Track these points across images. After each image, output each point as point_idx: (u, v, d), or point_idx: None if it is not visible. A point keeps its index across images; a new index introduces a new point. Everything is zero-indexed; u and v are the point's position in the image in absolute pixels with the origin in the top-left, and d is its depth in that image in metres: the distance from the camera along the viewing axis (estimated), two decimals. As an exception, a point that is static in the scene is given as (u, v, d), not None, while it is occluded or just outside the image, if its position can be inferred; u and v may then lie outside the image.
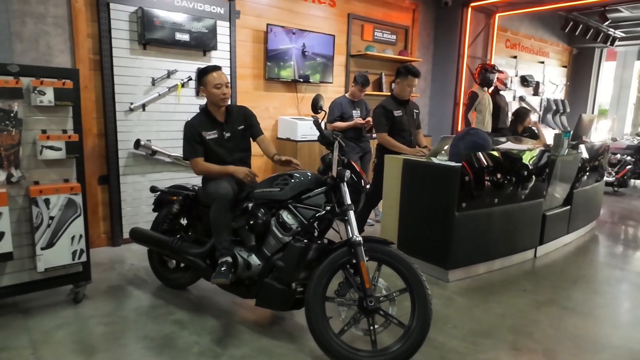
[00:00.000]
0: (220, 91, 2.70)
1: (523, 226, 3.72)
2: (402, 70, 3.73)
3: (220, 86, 2.69)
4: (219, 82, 2.69)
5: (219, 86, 2.69)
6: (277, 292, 2.39)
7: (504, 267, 3.69)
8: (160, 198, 3.12)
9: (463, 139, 3.32)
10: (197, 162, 2.73)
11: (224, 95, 2.72)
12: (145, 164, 3.99)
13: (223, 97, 2.72)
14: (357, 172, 2.45)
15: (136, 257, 3.66)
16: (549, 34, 9.02)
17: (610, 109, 12.26)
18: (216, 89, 2.70)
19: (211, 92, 2.72)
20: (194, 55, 4.13)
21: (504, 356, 2.39)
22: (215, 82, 2.69)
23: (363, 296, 2.21)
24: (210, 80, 2.71)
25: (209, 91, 2.73)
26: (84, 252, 2.70)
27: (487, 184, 3.28)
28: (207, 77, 2.72)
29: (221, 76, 2.73)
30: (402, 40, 6.18)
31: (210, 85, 2.70)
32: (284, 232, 2.44)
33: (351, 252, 2.26)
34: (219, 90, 2.70)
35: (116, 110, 3.77)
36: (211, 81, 2.70)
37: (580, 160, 4.27)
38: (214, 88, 2.70)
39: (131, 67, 3.80)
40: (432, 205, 3.33)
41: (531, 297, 3.14)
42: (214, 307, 2.85)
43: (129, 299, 2.92)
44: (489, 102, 5.93)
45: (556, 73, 9.54)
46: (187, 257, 2.72)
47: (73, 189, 2.62)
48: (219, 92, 2.70)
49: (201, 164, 2.73)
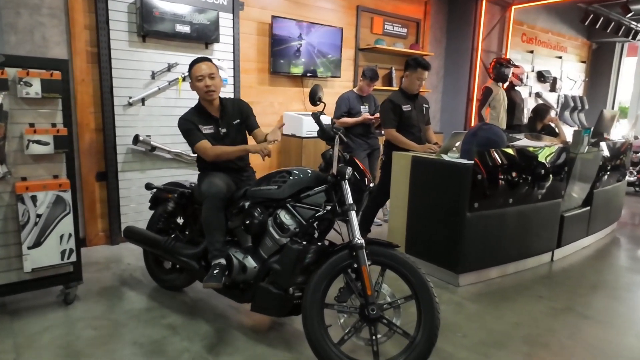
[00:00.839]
0: (202, 84, 2.52)
1: (539, 228, 3.51)
2: (411, 62, 3.54)
3: (202, 78, 2.51)
4: (200, 73, 2.51)
5: (201, 78, 2.52)
6: (274, 297, 2.24)
7: (518, 272, 3.48)
8: (156, 195, 2.99)
9: (475, 135, 3.12)
10: (205, 145, 2.52)
11: (207, 88, 2.53)
12: (144, 160, 3.87)
13: (207, 90, 2.53)
14: (360, 169, 2.28)
15: (133, 257, 3.54)
16: (567, 28, 8.70)
17: (630, 106, 11.84)
18: (198, 81, 2.53)
19: (195, 86, 2.56)
20: (195, 48, 3.99)
21: (518, 370, 2.21)
22: (197, 74, 2.52)
23: (365, 303, 2.05)
24: (193, 72, 2.55)
25: (194, 85, 2.57)
26: (74, 251, 2.58)
27: (501, 183, 3.08)
28: (192, 69, 2.56)
29: (206, 67, 2.53)
30: (414, 33, 5.97)
31: (193, 77, 2.55)
32: (282, 233, 2.28)
33: (352, 256, 2.10)
34: (201, 82, 2.52)
35: (114, 104, 3.66)
36: (194, 73, 2.54)
37: (602, 158, 4.03)
38: (196, 81, 2.53)
39: (130, 59, 3.68)
40: (442, 205, 3.15)
41: (547, 304, 2.94)
42: (209, 310, 2.71)
43: (121, 301, 2.80)
44: (504, 98, 5.70)
45: (574, 68, 9.21)
46: (181, 258, 2.58)
47: (62, 186, 2.49)
48: (201, 85, 2.52)
49: (211, 147, 2.52)
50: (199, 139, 2.55)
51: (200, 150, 2.56)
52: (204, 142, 2.53)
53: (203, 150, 2.54)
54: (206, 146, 2.52)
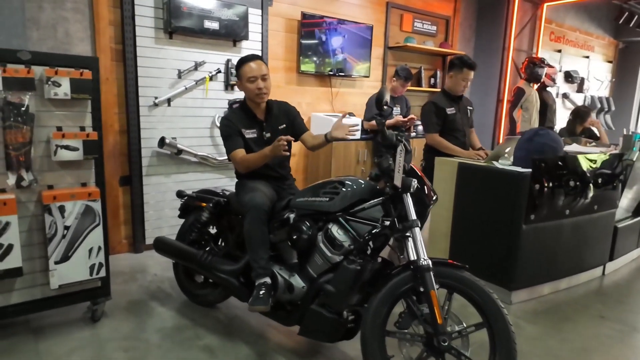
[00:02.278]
0: (254, 85, 2.32)
1: (593, 240, 3.27)
2: (456, 62, 3.30)
3: (255, 79, 2.31)
4: (253, 74, 2.31)
5: (253, 79, 2.32)
6: (326, 322, 2.02)
7: (570, 287, 3.24)
8: (188, 204, 2.79)
9: (531, 140, 2.89)
10: (237, 155, 2.32)
11: (259, 91, 2.33)
12: (170, 164, 3.67)
13: (259, 93, 2.34)
14: (422, 180, 2.06)
15: (159, 266, 3.35)
16: (595, 27, 8.40)
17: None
18: (250, 82, 2.32)
19: (246, 87, 2.35)
20: (223, 46, 3.78)
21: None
22: (248, 74, 2.31)
23: (433, 332, 1.82)
24: (244, 72, 2.33)
25: (244, 85, 2.36)
26: (103, 266, 2.38)
27: (559, 192, 2.84)
28: (242, 68, 2.35)
29: (259, 67, 2.34)
30: (443, 31, 5.73)
31: (244, 78, 2.34)
32: (334, 250, 2.06)
33: (416, 278, 1.88)
34: (253, 84, 2.32)
35: (139, 104, 3.46)
36: (245, 73, 2.33)
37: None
38: (248, 82, 2.33)
39: (156, 57, 3.47)
40: (494, 215, 2.91)
41: (611, 326, 2.70)
42: (247, 330, 2.50)
43: (151, 318, 2.59)
44: (537, 99, 5.45)
45: (601, 69, 8.91)
46: (218, 275, 2.37)
47: (91, 195, 2.29)
48: (253, 87, 2.32)
49: (242, 157, 2.33)
50: (234, 146, 2.34)
51: (233, 160, 2.38)
52: (238, 152, 2.33)
53: (234, 160, 2.37)
54: (237, 157, 2.33)
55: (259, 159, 2.32)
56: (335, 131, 2.35)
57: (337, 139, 2.38)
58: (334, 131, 2.35)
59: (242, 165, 2.34)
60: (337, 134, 2.34)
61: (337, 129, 2.35)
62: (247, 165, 2.34)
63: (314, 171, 4.48)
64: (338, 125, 2.35)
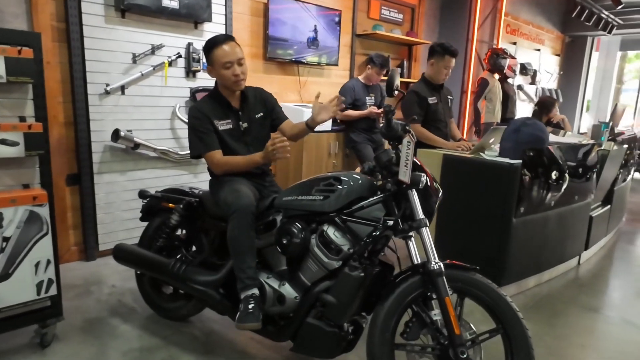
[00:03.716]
0: (230, 72, 2.01)
1: (573, 230, 3.26)
2: (438, 48, 3.15)
3: (231, 65, 2.01)
4: (229, 59, 2.00)
5: (229, 65, 2.00)
6: (326, 336, 1.79)
7: (551, 279, 3.22)
8: (151, 205, 2.45)
9: (519, 131, 2.79)
10: (213, 157, 2.04)
11: (237, 77, 2.02)
12: (125, 160, 3.26)
13: (236, 80, 2.03)
14: (427, 176, 1.86)
15: (118, 276, 2.96)
16: (545, 21, 8.66)
17: (592, 99, 12.18)
18: (225, 68, 2.01)
19: (220, 74, 2.04)
20: (183, 28, 3.41)
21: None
22: (223, 59, 2.00)
23: (449, 343, 1.64)
24: (218, 56, 2.01)
25: (218, 72, 2.04)
26: (54, 282, 2.00)
27: (548, 184, 2.77)
28: (214, 52, 2.02)
29: (233, 50, 2.02)
30: (409, 20, 5.60)
31: (217, 63, 2.02)
32: (331, 255, 1.83)
33: (426, 283, 1.70)
34: (229, 70, 2.01)
35: (88, 93, 3.02)
36: (219, 58, 2.01)
37: (625, 154, 3.85)
38: (223, 68, 2.01)
39: (107, 39, 3.05)
40: (482, 209, 2.79)
41: (601, 319, 2.68)
42: (228, 347, 2.21)
43: (115, 339, 2.24)
44: (499, 89, 5.48)
45: (550, 61, 9.24)
46: (195, 287, 2.06)
47: (37, 199, 1.91)
48: (229, 74, 2.01)
49: (219, 159, 2.05)
50: (209, 147, 2.04)
51: (209, 162, 2.08)
52: (215, 154, 2.04)
53: (210, 160, 2.07)
54: (214, 159, 2.04)
55: (244, 166, 2.05)
56: (318, 116, 2.09)
57: (324, 120, 2.11)
58: (319, 115, 2.09)
59: (220, 169, 2.06)
60: (323, 117, 2.09)
61: (320, 111, 2.09)
62: (227, 170, 2.07)
63: (283, 167, 4.20)
64: (322, 107, 2.09)
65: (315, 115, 2.10)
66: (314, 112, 2.10)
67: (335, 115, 2.12)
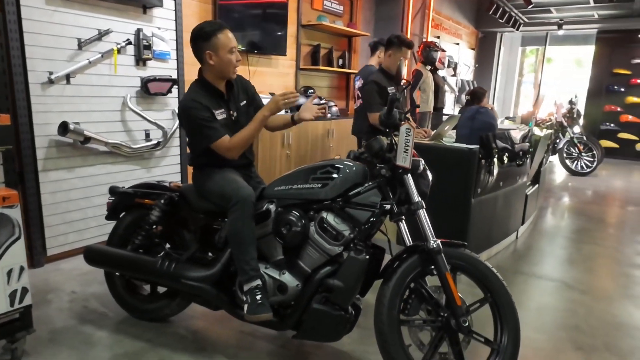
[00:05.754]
0: (234, 56, 2.00)
1: (515, 208, 3.62)
2: (395, 40, 3.29)
3: (234, 50, 2.00)
4: (234, 43, 2.00)
5: (234, 50, 2.00)
6: (333, 320, 1.83)
7: (499, 252, 3.55)
8: (121, 202, 2.29)
9: (474, 118, 3.03)
10: (224, 142, 1.96)
11: (238, 63, 2.04)
12: (73, 156, 3.00)
13: (236, 65, 2.03)
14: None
15: (74, 281, 2.74)
16: (462, 17, 9.34)
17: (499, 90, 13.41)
18: (231, 53, 1.99)
19: (225, 59, 1.98)
20: (132, 12, 3.19)
21: (576, 359, 2.17)
22: (229, 44, 1.97)
23: (451, 315, 1.78)
24: (223, 42, 1.96)
25: (222, 57, 1.97)
26: (28, 291, 1.81)
27: (499, 166, 3.05)
28: (217, 37, 1.95)
29: (233, 36, 2.02)
30: (348, 12, 5.73)
31: (223, 48, 1.96)
32: (333, 241, 1.87)
33: (425, 261, 1.82)
34: (233, 55, 2.00)
35: (28, 81, 2.72)
36: (225, 43, 1.96)
37: (550, 139, 4.33)
38: (229, 52, 1.98)
39: (48, 22, 2.76)
40: (444, 192, 2.96)
41: (549, 285, 3.02)
42: (221, 342, 2.17)
43: (93, 347, 2.08)
44: (432, 81, 5.84)
45: (467, 55, 9.99)
46: (189, 283, 1.99)
47: (7, 200, 1.71)
48: (233, 58, 2.00)
49: (231, 141, 1.97)
50: (218, 134, 1.96)
51: (222, 149, 1.97)
52: (225, 138, 1.96)
53: (222, 149, 1.97)
54: (224, 144, 1.96)
55: (255, 130, 2.00)
56: (303, 113, 2.15)
57: (305, 120, 2.17)
58: (303, 113, 2.15)
59: (236, 151, 1.99)
60: (305, 116, 2.14)
61: (305, 110, 2.15)
62: (244, 145, 2.01)
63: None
64: (307, 107, 2.16)
65: (300, 112, 2.14)
66: (301, 109, 2.14)
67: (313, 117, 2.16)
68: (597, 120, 9.56)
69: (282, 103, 1.96)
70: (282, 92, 1.99)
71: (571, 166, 7.33)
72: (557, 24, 9.04)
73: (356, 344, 2.16)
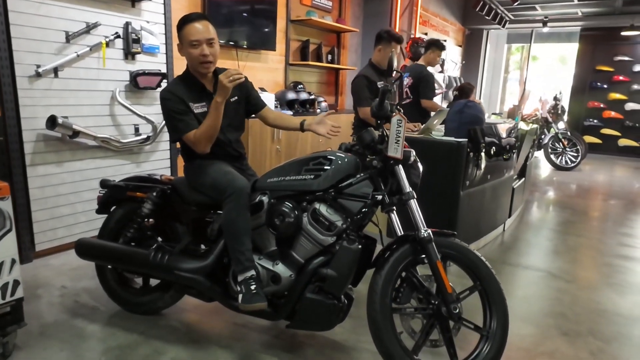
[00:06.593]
0: (198, 51, 1.93)
1: (502, 201, 3.68)
2: (385, 35, 3.32)
3: (199, 44, 1.93)
4: (197, 37, 1.92)
5: (196, 44, 1.93)
6: (326, 309, 1.86)
7: (487, 244, 3.62)
8: (112, 195, 2.28)
9: (462, 112, 3.07)
10: (190, 136, 1.95)
11: (204, 58, 1.95)
12: (61, 150, 2.97)
13: (203, 61, 1.96)
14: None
15: (65, 276, 2.72)
16: (449, 14, 9.43)
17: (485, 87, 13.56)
18: (193, 47, 1.94)
19: (188, 53, 1.96)
20: (120, 5, 3.16)
21: (561, 345, 2.23)
22: (191, 37, 1.92)
23: (442, 302, 1.82)
24: (187, 34, 1.93)
25: (186, 51, 1.97)
26: (20, 284, 1.81)
27: (486, 159, 3.10)
28: (184, 29, 1.95)
29: (205, 29, 1.95)
30: (337, 8, 5.75)
31: (185, 41, 1.94)
32: (325, 231, 1.90)
33: (416, 250, 1.86)
34: (197, 49, 1.93)
35: (15, 74, 2.69)
36: (187, 36, 1.93)
37: (535, 134, 4.41)
38: (190, 46, 1.94)
39: (35, 14, 2.73)
40: (434, 185, 3.02)
41: (535, 275, 3.09)
42: (214, 333, 2.18)
43: (85, 341, 2.08)
44: (420, 76, 5.89)
45: (454, 52, 10.08)
46: (183, 275, 1.99)
47: (-2, 192, 1.70)
48: (196, 53, 1.94)
49: (195, 135, 1.95)
50: (188, 127, 1.95)
51: (191, 142, 1.97)
52: (191, 133, 1.95)
53: (192, 142, 1.97)
54: (191, 135, 1.94)
55: (214, 120, 1.92)
56: (317, 125, 2.14)
57: (318, 133, 2.16)
58: (316, 125, 2.14)
59: (202, 145, 1.97)
60: (318, 129, 2.14)
61: (319, 123, 2.14)
62: (208, 137, 1.95)
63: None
64: (321, 120, 2.15)
65: (314, 124, 2.14)
66: (315, 121, 2.14)
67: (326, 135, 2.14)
68: (581, 117, 9.75)
69: (230, 84, 1.83)
70: (223, 73, 1.86)
71: (556, 161, 7.46)
72: (542, 21, 9.18)
73: (349, 333, 2.19)
